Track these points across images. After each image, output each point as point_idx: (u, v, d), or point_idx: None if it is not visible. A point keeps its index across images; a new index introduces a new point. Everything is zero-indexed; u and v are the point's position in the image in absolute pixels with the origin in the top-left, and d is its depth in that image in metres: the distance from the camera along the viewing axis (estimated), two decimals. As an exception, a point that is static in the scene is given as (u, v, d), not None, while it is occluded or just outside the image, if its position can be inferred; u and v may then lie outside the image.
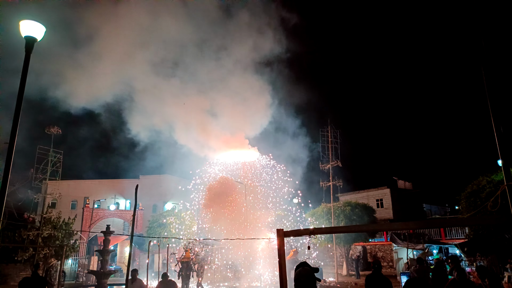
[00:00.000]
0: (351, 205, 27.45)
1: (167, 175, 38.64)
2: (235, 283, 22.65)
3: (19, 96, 6.22)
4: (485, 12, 4.67)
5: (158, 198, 39.31)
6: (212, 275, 24.39)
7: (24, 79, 6.31)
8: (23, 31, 6.43)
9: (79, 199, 38.71)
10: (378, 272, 6.74)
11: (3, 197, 5.78)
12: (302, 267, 4.18)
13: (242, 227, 25.95)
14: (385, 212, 39.79)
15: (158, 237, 19.70)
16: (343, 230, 7.08)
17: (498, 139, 3.88)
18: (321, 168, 25.18)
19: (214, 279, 24.11)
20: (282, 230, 3.34)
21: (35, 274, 10.34)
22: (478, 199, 16.71)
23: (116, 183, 39.28)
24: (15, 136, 5.98)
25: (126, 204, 41.42)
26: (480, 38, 4.25)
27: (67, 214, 25.56)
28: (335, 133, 25.61)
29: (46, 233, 19.25)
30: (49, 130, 21.22)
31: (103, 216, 36.60)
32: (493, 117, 4.04)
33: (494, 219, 3.23)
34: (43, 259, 18.65)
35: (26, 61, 6.42)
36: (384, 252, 29.86)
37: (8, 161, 5.95)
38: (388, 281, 6.54)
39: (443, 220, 15.63)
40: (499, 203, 4.04)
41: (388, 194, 40.75)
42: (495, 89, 4.16)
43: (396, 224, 3.06)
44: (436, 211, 47.23)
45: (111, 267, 24.84)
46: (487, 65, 4.13)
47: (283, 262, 3.30)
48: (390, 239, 25.29)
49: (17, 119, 6.09)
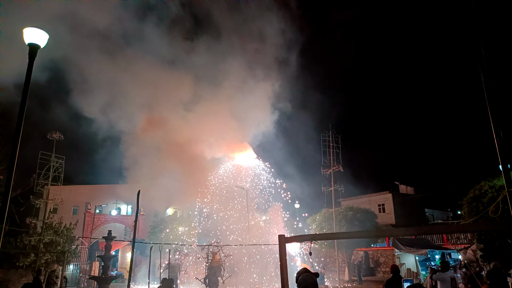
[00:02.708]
0: (353, 210, 27.36)
1: (169, 180, 38.58)
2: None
3: (22, 102, 6.26)
4: (484, 18, 4.69)
5: (159, 203, 39.22)
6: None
7: (27, 85, 6.36)
8: (27, 38, 6.50)
9: (81, 205, 38.66)
10: (397, 276, 6.71)
11: (5, 203, 5.80)
12: (306, 273, 4.15)
13: (245, 231, 25.89)
14: (387, 217, 39.65)
15: (160, 243, 19.67)
16: (344, 236, 7.05)
17: (498, 144, 3.89)
18: (322, 173, 25.18)
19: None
20: (283, 236, 3.35)
21: (37, 280, 10.35)
22: (480, 204, 16.60)
23: (118, 189, 39.24)
24: (18, 142, 6.02)
25: (128, 209, 41.36)
26: (479, 45, 4.28)
27: (68, 219, 25.52)
28: (337, 138, 25.63)
29: (47, 239, 19.24)
30: (51, 136, 21.30)
31: (105, 222, 36.56)
32: (492, 122, 4.06)
33: (496, 225, 3.24)
34: (44, 264, 18.63)
35: (29, 68, 6.48)
36: (386, 257, 29.69)
37: (11, 168, 5.98)
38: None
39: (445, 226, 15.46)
40: (500, 208, 4.04)
41: (390, 199, 40.63)
42: (494, 94, 4.18)
43: (398, 230, 3.08)
44: (438, 216, 47.06)
45: (113, 272, 24.82)
46: (486, 71, 4.16)
47: (285, 267, 3.31)
48: (392, 244, 25.16)
49: (20, 126, 6.13)
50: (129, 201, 39.57)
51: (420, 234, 13.41)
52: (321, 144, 25.43)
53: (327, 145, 25.30)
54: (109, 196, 38.60)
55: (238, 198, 29.57)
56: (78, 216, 36.12)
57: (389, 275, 9.02)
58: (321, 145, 25.40)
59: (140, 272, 26.81)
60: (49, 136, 21.33)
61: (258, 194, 30.42)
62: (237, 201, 29.64)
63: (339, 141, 25.63)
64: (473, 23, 4.35)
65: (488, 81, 4.17)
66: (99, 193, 38.97)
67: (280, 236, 3.36)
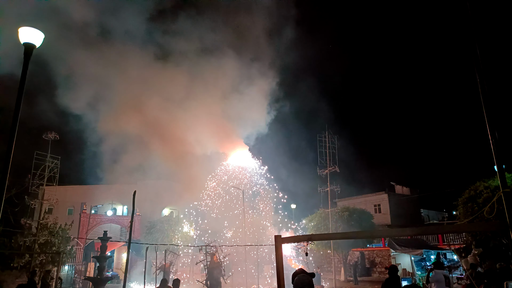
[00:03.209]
0: (349, 211, 27.39)
1: (165, 181, 38.52)
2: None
3: (17, 103, 6.21)
4: (479, 19, 4.72)
5: (155, 203, 39.12)
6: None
7: (22, 85, 6.31)
8: (22, 37, 6.45)
9: (76, 205, 38.47)
10: (395, 277, 6.70)
11: (0, 204, 5.75)
12: (302, 274, 4.15)
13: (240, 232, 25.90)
14: (383, 218, 39.77)
15: (155, 244, 19.60)
16: (340, 237, 7.05)
17: (493, 145, 3.91)
18: (318, 173, 25.15)
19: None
20: (280, 236, 3.35)
21: (31, 281, 10.28)
22: (475, 204, 16.70)
23: (113, 189, 39.07)
24: (13, 143, 5.97)
25: (123, 209, 41.19)
26: (475, 45, 4.29)
27: (64, 220, 25.38)
28: (333, 138, 25.62)
29: (42, 239, 19.14)
30: (47, 136, 21.18)
31: (100, 222, 36.36)
32: (488, 123, 4.07)
33: (490, 226, 3.25)
34: (39, 265, 18.52)
35: (24, 67, 6.43)
36: (382, 257, 29.79)
37: (6, 167, 5.93)
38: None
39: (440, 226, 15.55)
40: (495, 209, 4.06)
41: (386, 200, 40.76)
42: (490, 95, 4.20)
43: (394, 231, 3.08)
44: (433, 216, 47.28)
45: (108, 273, 24.70)
46: (481, 71, 4.18)
47: (281, 268, 3.30)
48: (388, 244, 25.23)
49: (15, 126, 6.09)
50: (124, 201, 39.45)
51: (416, 234, 13.45)
52: (317, 144, 25.42)
53: (323, 146, 25.30)
54: (105, 196, 38.42)
55: (234, 199, 29.60)
56: (74, 216, 35.90)
57: (385, 275, 9.04)
58: (317, 146, 25.39)
59: (136, 272, 26.71)
60: (45, 136, 21.22)
61: (253, 194, 30.47)
62: (233, 201, 29.66)
63: (335, 141, 25.64)
64: (469, 23, 4.37)
65: (483, 81, 4.19)
66: (95, 193, 38.75)
67: (276, 236, 3.36)
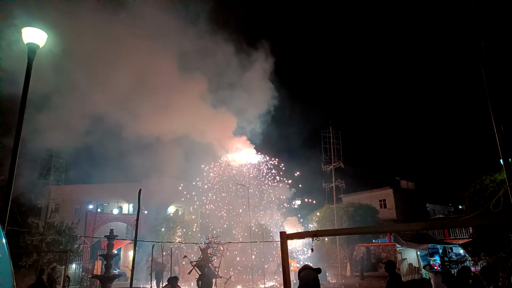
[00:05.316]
0: (354, 206, 27.38)
1: (170, 179, 38.67)
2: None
3: (22, 102, 6.26)
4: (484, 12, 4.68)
5: (161, 201, 39.29)
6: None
7: (27, 85, 6.35)
8: (26, 38, 6.48)
9: (82, 204, 38.72)
10: (395, 275, 6.66)
11: (7, 203, 5.81)
12: (307, 270, 4.16)
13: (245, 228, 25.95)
14: (388, 213, 39.65)
15: (161, 241, 19.70)
16: (346, 232, 7.00)
17: (499, 138, 3.88)
18: (323, 169, 25.16)
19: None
20: (285, 233, 3.35)
21: (39, 280, 10.37)
22: (481, 198, 16.61)
23: (119, 187, 39.25)
24: (18, 142, 6.01)
25: (129, 208, 41.39)
26: (479, 38, 4.26)
27: (70, 218, 25.56)
28: (337, 134, 25.58)
29: (49, 238, 19.30)
30: (52, 136, 21.33)
31: (106, 220, 36.57)
32: (493, 116, 4.04)
33: (497, 219, 3.22)
34: (47, 264, 18.69)
35: (28, 67, 6.47)
36: (387, 252, 29.72)
37: (12, 167, 5.98)
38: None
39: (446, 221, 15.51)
40: (501, 203, 4.04)
41: (391, 195, 40.61)
42: (495, 89, 4.17)
43: (399, 226, 3.08)
44: (439, 211, 47.04)
45: (115, 271, 24.86)
46: (487, 64, 4.14)
47: (287, 264, 3.31)
48: (393, 239, 25.18)
49: (20, 125, 6.13)
50: (130, 199, 39.66)
51: (423, 229, 13.37)
52: (322, 140, 25.42)
53: (327, 141, 25.27)
54: (111, 194, 38.62)
55: (240, 195, 29.64)
56: (80, 215, 36.17)
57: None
58: (321, 141, 25.39)
59: (142, 270, 26.89)
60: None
61: (258, 190, 30.50)
62: (239, 198, 29.72)
63: (340, 137, 25.61)
64: (474, 17, 4.33)
65: (488, 75, 4.16)
66: (100, 192, 38.96)
67: (281, 232, 3.35)
